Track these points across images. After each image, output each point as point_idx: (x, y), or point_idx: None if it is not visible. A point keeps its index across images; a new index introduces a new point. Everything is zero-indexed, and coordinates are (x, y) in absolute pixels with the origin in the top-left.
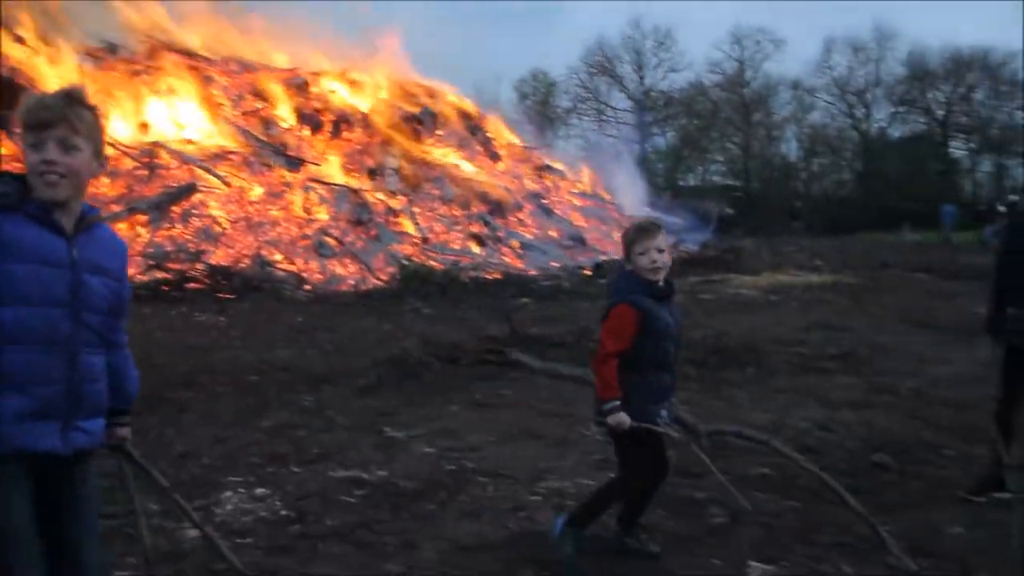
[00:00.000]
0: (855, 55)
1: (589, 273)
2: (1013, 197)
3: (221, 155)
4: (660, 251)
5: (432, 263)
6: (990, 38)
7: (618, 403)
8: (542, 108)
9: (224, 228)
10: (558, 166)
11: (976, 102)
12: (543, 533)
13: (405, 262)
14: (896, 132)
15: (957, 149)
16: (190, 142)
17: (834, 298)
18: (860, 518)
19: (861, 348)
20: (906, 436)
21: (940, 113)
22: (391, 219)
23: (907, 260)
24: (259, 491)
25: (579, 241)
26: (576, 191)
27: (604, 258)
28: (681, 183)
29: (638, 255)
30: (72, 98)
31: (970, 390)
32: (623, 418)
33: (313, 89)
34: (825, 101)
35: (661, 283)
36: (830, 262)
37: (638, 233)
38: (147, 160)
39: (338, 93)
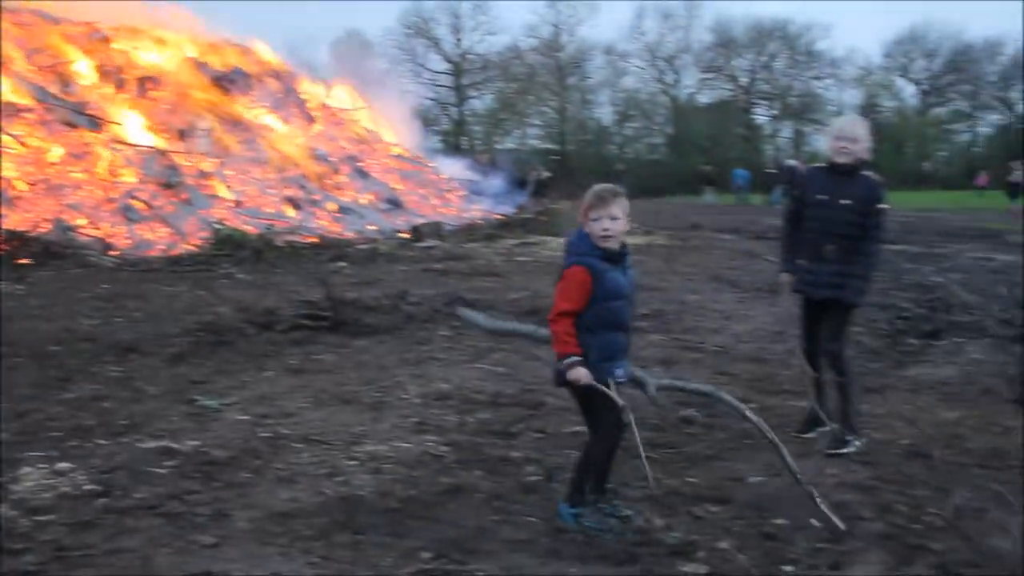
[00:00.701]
0: (665, 21)
1: (406, 236)
2: (791, 161)
3: (14, 113)
4: (614, 219)
5: (246, 227)
6: (788, 10)
7: (577, 359)
8: (358, 69)
9: (20, 191)
10: (375, 128)
11: (776, 71)
12: (360, 497)
13: (218, 226)
14: (704, 98)
15: (760, 115)
16: None
17: (647, 259)
18: (792, 475)
19: (671, 307)
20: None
21: (744, 80)
22: (202, 182)
23: (715, 222)
24: (62, 465)
25: (396, 204)
26: (393, 154)
27: (421, 221)
28: (498, 146)
29: (592, 221)
30: None
31: (769, 344)
32: (581, 372)
33: (115, 45)
34: (637, 67)
35: (615, 248)
36: (643, 224)
37: (595, 199)
38: None
39: (143, 50)
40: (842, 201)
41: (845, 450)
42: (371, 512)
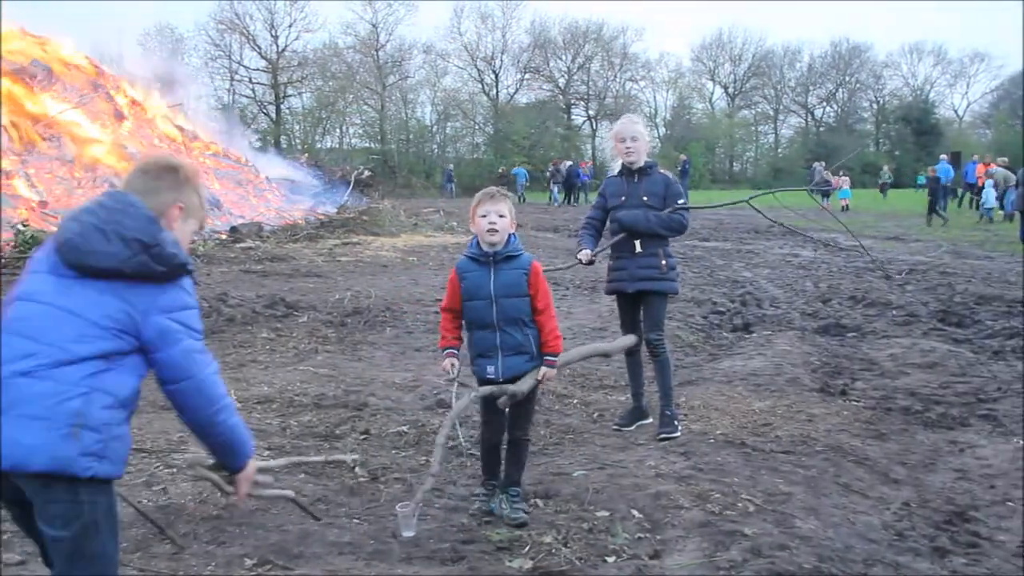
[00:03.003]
0: (483, 22)
1: (225, 237)
2: (568, 163)
3: None
4: (501, 216)
5: (53, 228)
6: (603, 12)
7: (450, 350)
8: (170, 65)
9: None
10: (189, 126)
11: (593, 72)
12: (180, 505)
13: (21, 227)
14: (524, 98)
15: (578, 115)
16: None
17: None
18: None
19: None
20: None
21: (562, 81)
22: (3, 181)
23: (536, 220)
24: None
25: (214, 204)
26: (209, 152)
27: (241, 221)
28: (319, 145)
29: (479, 217)
30: None
31: (590, 340)
32: (446, 363)
33: None
34: (456, 66)
35: (497, 247)
36: (465, 223)
37: (483, 197)
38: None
39: None
40: (643, 199)
41: (676, 434)
42: (191, 520)
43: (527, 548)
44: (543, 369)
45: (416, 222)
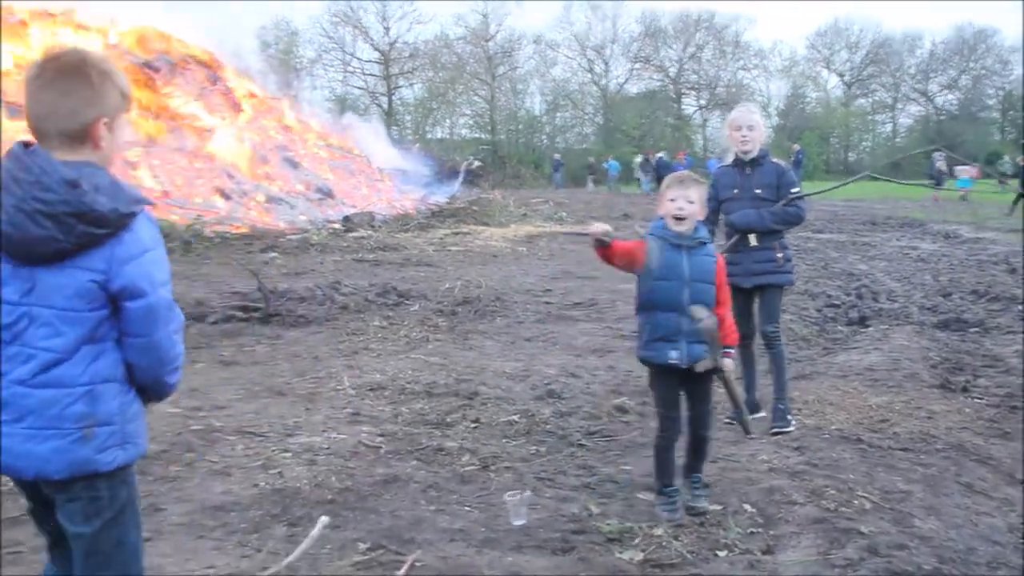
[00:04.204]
0: (593, 12)
1: (338, 226)
2: (660, 154)
3: None
4: (691, 202)
5: (174, 217)
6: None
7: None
8: (286, 58)
9: None
10: (304, 118)
11: (704, 61)
12: (295, 489)
13: None
14: (633, 88)
15: (689, 105)
16: None
17: (578, 248)
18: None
19: (603, 297)
20: (644, 379)
21: (672, 71)
22: (128, 171)
23: (646, 212)
24: None
25: (327, 194)
26: (322, 143)
27: (353, 211)
28: (429, 135)
29: (668, 201)
30: None
31: None
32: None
33: (33, 31)
34: (566, 56)
35: (684, 232)
36: (574, 213)
37: (673, 181)
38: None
39: (62, 36)
40: (755, 191)
41: (789, 429)
42: (306, 504)
43: (638, 540)
44: (727, 361)
45: (526, 212)
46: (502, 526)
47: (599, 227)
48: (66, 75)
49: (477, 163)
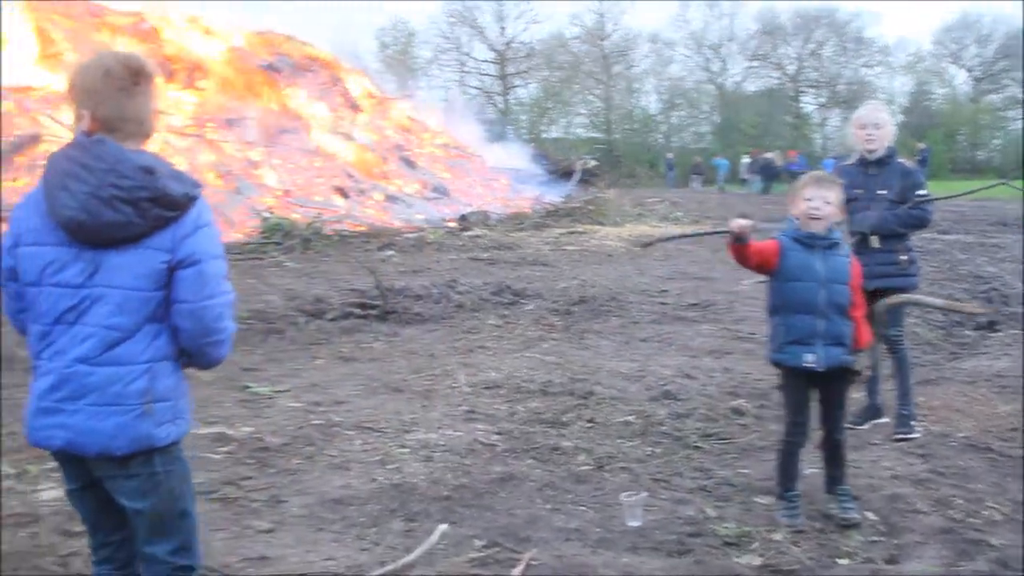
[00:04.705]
0: (710, 9)
1: (454, 225)
2: (768, 155)
3: (60, 103)
4: (827, 203)
5: (295, 216)
6: None
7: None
8: (403, 58)
9: None
10: (420, 117)
11: (825, 58)
12: (412, 485)
13: (266, 215)
14: (751, 86)
15: (808, 103)
16: (31, 89)
17: (695, 249)
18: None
19: (720, 297)
20: (763, 382)
21: (791, 68)
22: (251, 171)
23: (764, 212)
24: None
25: (443, 193)
26: (439, 143)
27: (469, 210)
28: (544, 135)
29: (803, 200)
30: None
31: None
32: (736, 224)
33: (163, 36)
34: (683, 55)
35: (819, 233)
36: (690, 213)
37: (810, 180)
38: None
39: (191, 40)
40: (879, 192)
41: (914, 435)
42: (423, 500)
43: (755, 545)
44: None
45: (641, 212)
46: (617, 527)
47: (741, 223)
48: (131, 74)
49: (592, 162)
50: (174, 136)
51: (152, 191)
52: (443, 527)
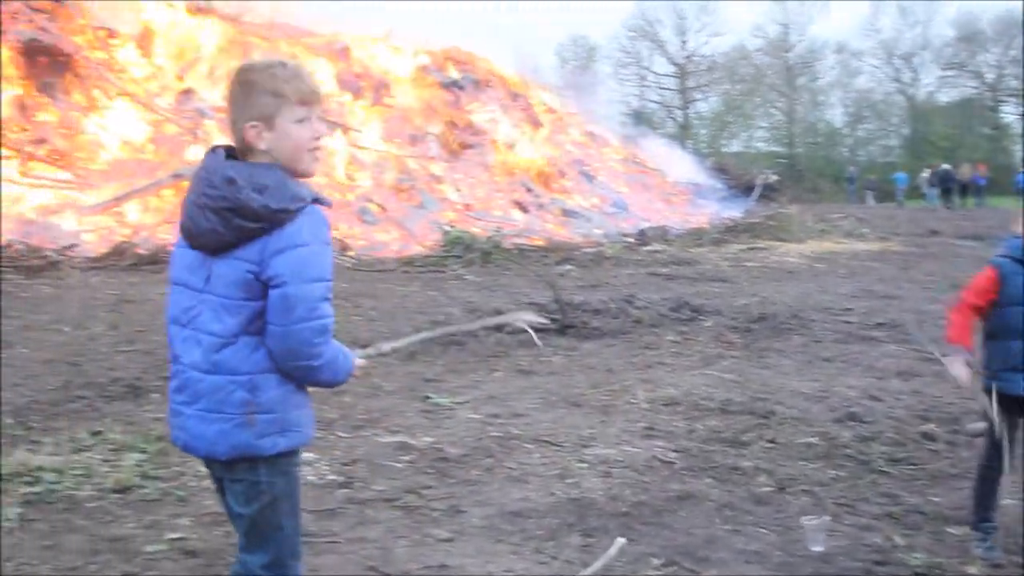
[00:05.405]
0: (902, 17)
1: (632, 240)
2: (945, 166)
3: None
4: None
5: (475, 230)
6: None
7: (961, 350)
8: (583, 73)
9: None
10: (600, 132)
11: None
12: (590, 500)
13: (448, 228)
14: (944, 96)
15: (1008, 113)
16: None
17: (881, 266)
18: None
19: (909, 316)
20: (954, 406)
21: (990, 76)
22: (433, 185)
23: (956, 228)
24: (307, 455)
25: (622, 208)
26: (618, 157)
27: (647, 225)
28: (725, 149)
29: None
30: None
31: None
32: (958, 368)
33: (354, 55)
34: (871, 65)
35: None
36: (877, 230)
37: None
38: (190, 126)
39: (379, 59)
40: None
41: None
42: (601, 515)
43: None
44: None
45: (824, 228)
46: (799, 551)
47: (962, 376)
48: (229, 91)
49: (773, 177)
50: (361, 151)
51: (232, 201)
52: (621, 540)
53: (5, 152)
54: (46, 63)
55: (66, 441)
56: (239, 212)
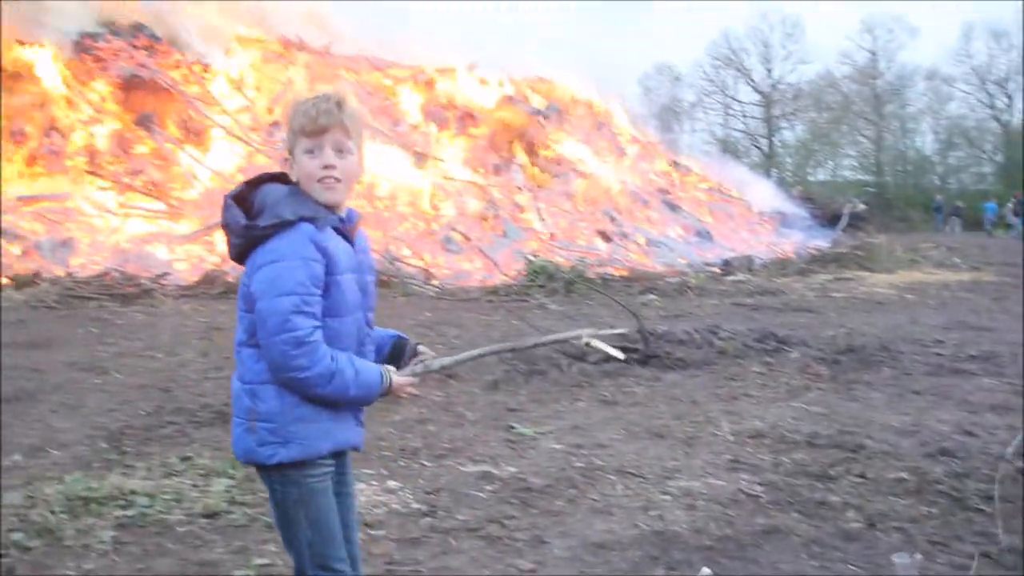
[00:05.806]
0: (996, 42)
1: (716, 270)
2: None
3: None
4: None
5: (558, 259)
6: None
7: None
8: (667, 102)
9: None
10: (684, 161)
11: None
12: (675, 533)
13: (531, 258)
14: None
15: None
16: None
17: (974, 297)
18: None
19: (1003, 349)
20: None
21: None
22: (517, 215)
23: None
24: (391, 484)
25: (706, 237)
26: (703, 186)
27: (732, 255)
28: (811, 178)
29: None
30: (342, 101)
31: None
32: None
33: (439, 86)
34: (963, 91)
35: None
36: (969, 259)
37: None
38: (280, 156)
39: (464, 89)
40: None
41: None
42: (685, 548)
43: None
44: None
45: (914, 258)
46: None
47: None
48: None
49: (861, 206)
50: (446, 181)
51: (224, 220)
52: (706, 571)
53: (103, 183)
54: (143, 97)
55: (157, 466)
56: (229, 230)
